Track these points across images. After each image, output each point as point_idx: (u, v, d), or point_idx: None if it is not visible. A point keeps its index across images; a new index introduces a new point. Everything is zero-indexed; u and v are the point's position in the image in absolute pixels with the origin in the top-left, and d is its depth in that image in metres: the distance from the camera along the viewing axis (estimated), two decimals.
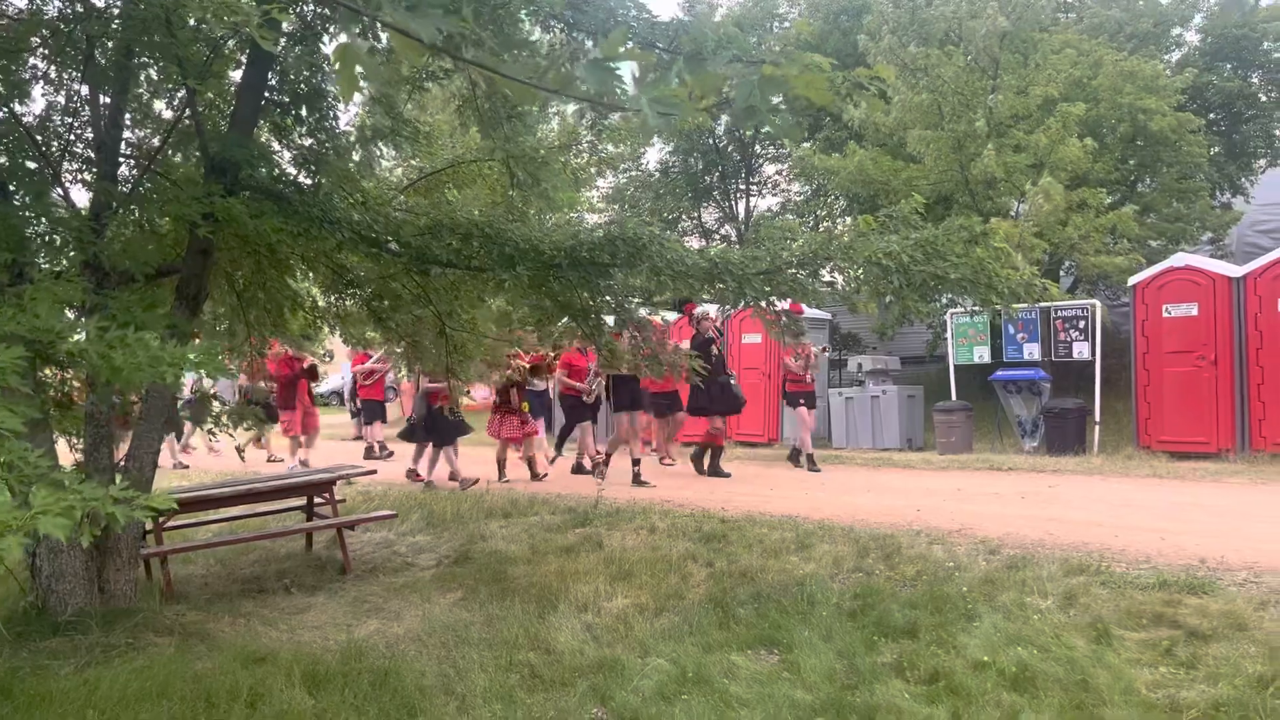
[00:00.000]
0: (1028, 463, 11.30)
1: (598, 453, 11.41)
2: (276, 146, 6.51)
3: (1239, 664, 4.16)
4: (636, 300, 7.11)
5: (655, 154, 24.81)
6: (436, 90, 7.54)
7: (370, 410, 14.45)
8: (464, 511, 8.50)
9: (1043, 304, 12.68)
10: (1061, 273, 16.23)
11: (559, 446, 13.13)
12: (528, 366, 11.40)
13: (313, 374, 12.91)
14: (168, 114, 6.38)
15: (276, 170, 6.01)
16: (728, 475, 10.97)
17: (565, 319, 7.00)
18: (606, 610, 5.61)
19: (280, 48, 5.91)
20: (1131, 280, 12.26)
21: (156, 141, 6.32)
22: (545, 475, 11.10)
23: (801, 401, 11.87)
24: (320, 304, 7.74)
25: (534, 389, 11.96)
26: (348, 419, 19.12)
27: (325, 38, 6.03)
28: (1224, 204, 18.04)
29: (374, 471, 8.11)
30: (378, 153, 6.91)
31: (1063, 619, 4.95)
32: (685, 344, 10.55)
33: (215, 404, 7.28)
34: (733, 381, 11.39)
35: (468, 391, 10.62)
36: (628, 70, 2.42)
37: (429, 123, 7.69)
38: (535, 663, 4.88)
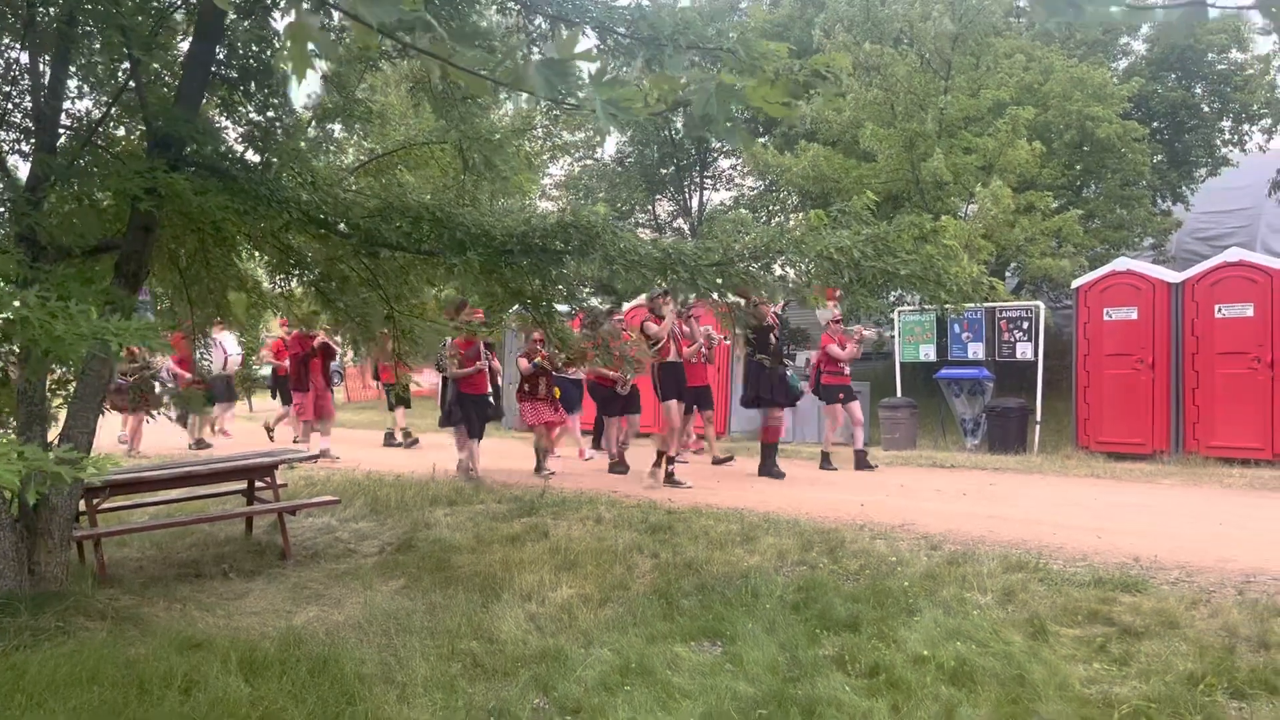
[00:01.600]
0: (970, 460, 11.47)
1: (613, 454, 10.78)
2: (225, 122, 6.36)
3: (1170, 661, 4.26)
4: (587, 290, 7.10)
5: (612, 144, 24.76)
6: (389, 70, 7.43)
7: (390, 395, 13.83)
8: (408, 499, 8.41)
9: (988, 304, 12.89)
10: (1007, 274, 16.49)
11: (595, 442, 12.24)
12: (565, 357, 10.64)
13: (328, 352, 12.01)
14: (111, 85, 6.20)
15: (223, 147, 5.86)
16: (782, 475, 10.03)
17: (516, 306, 6.96)
18: (551, 600, 5.59)
19: (229, 21, 5.77)
20: (1075, 283, 12.49)
21: (98, 113, 6.14)
22: (553, 473, 10.26)
23: (840, 396, 10.88)
24: (265, 284, 7.60)
25: (566, 377, 11.05)
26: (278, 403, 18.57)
27: (275, 13, 5.90)
28: (1165, 211, 18.45)
29: (317, 456, 7.99)
30: (329, 132, 6.79)
31: (1001, 615, 5.03)
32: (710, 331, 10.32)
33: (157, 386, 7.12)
34: (790, 373, 10.46)
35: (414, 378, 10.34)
36: (589, 67, 2.40)
37: (381, 103, 7.58)
38: (478, 652, 4.85)
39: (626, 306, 14.16)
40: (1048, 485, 9.47)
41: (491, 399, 10.42)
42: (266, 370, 16.54)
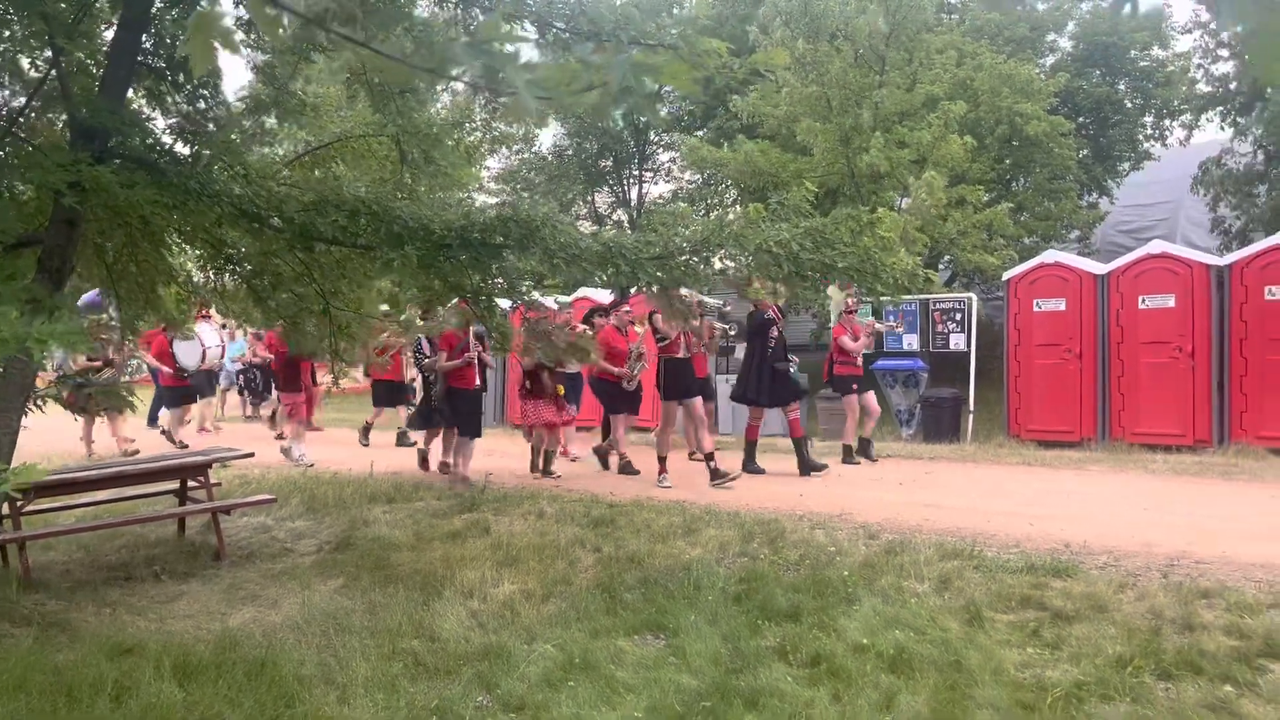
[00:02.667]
0: (906, 450, 11.67)
1: (623, 454, 10.14)
2: (153, 114, 6.19)
3: (1099, 644, 4.38)
4: (528, 284, 7.05)
5: (549, 136, 24.63)
6: (325, 62, 7.30)
7: (380, 394, 12.91)
8: (346, 496, 8.30)
9: (922, 296, 13.12)
10: (940, 266, 16.80)
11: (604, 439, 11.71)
12: (563, 348, 9.62)
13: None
14: (33, 74, 6.00)
15: (151, 139, 5.71)
16: (824, 467, 9.59)
17: (454, 300, 6.91)
18: (493, 597, 5.56)
19: (155, 9, 5.62)
20: (1005, 275, 12.76)
21: (19, 103, 5.93)
22: (559, 477, 9.57)
23: (855, 387, 10.49)
24: (196, 279, 7.42)
25: (565, 371, 10.25)
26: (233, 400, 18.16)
27: (204, 1, 5.76)
28: (1091, 204, 18.96)
29: (252, 454, 7.84)
30: (262, 124, 6.65)
31: (938, 602, 5.13)
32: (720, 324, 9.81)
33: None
34: (793, 369, 9.96)
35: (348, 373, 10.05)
36: (527, 51, 2.38)
37: (316, 95, 7.44)
38: (419, 650, 4.81)
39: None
40: (981, 473, 9.67)
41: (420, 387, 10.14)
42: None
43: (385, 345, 11.54)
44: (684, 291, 8.40)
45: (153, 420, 14.66)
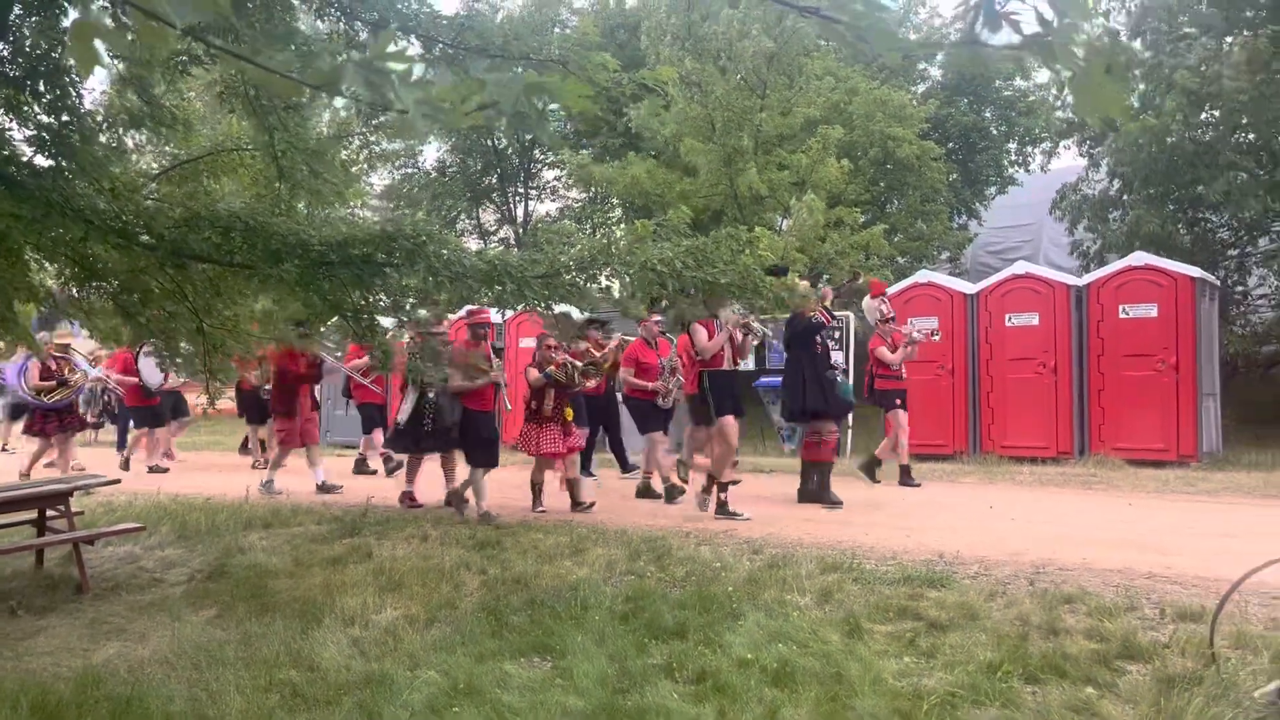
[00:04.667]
0: (788, 465, 11.88)
1: (665, 475, 9.37)
2: (10, 125, 5.87)
3: (972, 651, 4.55)
4: (410, 301, 6.94)
5: (433, 152, 24.36)
6: (198, 73, 7.07)
7: (369, 416, 12.20)
8: (220, 523, 7.99)
9: (738, 313, 13.42)
10: (819, 286, 17.25)
11: (622, 464, 11.12)
12: (579, 365, 8.60)
13: (317, 375, 10.61)
14: None
15: (7, 150, 5.42)
16: (838, 503, 8.58)
17: (335, 318, 6.75)
18: (375, 623, 5.43)
19: (13, 16, 5.34)
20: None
21: None
22: (592, 504, 8.64)
23: (898, 402, 9.91)
24: (59, 297, 7.05)
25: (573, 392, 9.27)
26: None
27: (67, 7, 5.51)
28: (961, 226, 19.79)
29: (118, 481, 7.48)
30: (129, 136, 6.39)
31: (819, 615, 5.24)
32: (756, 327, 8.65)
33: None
34: (839, 378, 9.17)
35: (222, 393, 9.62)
36: (418, 69, 2.36)
37: (187, 108, 7.19)
38: (297, 681, 4.65)
39: (905, 284, 12.81)
40: (860, 487, 9.93)
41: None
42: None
43: (367, 367, 11.12)
44: (735, 311, 7.99)
45: (123, 444, 13.79)
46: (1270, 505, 8.43)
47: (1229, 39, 14.51)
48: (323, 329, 7.61)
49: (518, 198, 24.91)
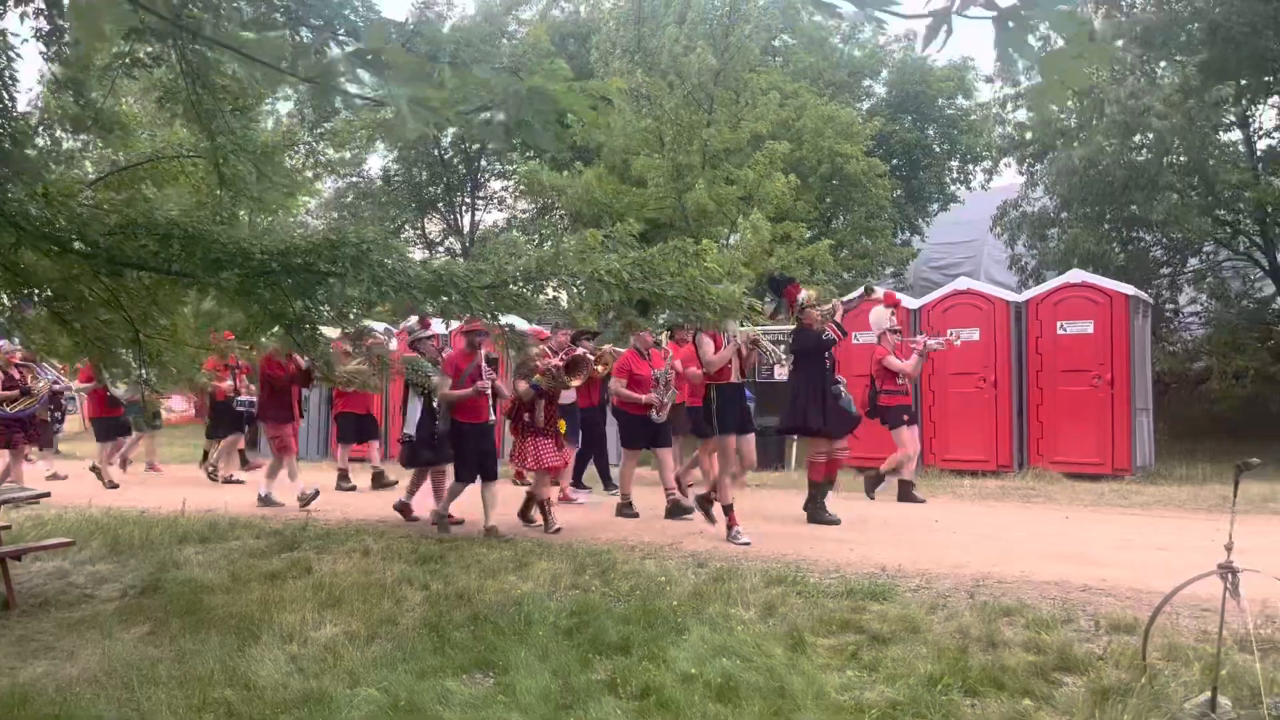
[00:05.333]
0: (780, 480, 11.92)
1: (669, 489, 9.03)
2: None
3: (913, 664, 4.59)
4: (356, 311, 6.86)
5: (377, 161, 24.14)
6: (140, 75, 6.91)
7: (345, 427, 11.73)
8: (154, 537, 7.80)
9: (747, 329, 13.50)
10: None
11: (606, 481, 10.82)
12: (561, 367, 8.18)
13: (306, 378, 10.10)
14: None
15: None
16: (836, 521, 8.39)
17: (276, 328, 6.63)
18: (314, 640, 5.33)
19: None
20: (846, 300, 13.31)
21: None
22: (559, 529, 8.08)
23: (905, 419, 9.70)
24: None
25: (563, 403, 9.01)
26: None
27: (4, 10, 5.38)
28: (904, 241, 20.10)
29: (48, 494, 7.26)
30: (67, 140, 6.23)
31: (763, 629, 5.25)
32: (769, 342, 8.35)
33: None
34: (844, 393, 8.67)
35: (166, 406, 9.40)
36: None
37: (128, 113, 7.03)
38: (232, 700, 4.54)
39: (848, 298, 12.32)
40: (803, 500, 9.97)
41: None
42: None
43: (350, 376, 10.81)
44: (738, 326, 7.65)
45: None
46: (1200, 518, 8.64)
47: (1162, 65, 14.95)
48: (264, 339, 7.49)
49: (464, 208, 24.78)
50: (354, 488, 11.26)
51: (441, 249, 24.78)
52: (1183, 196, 14.47)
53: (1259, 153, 16.43)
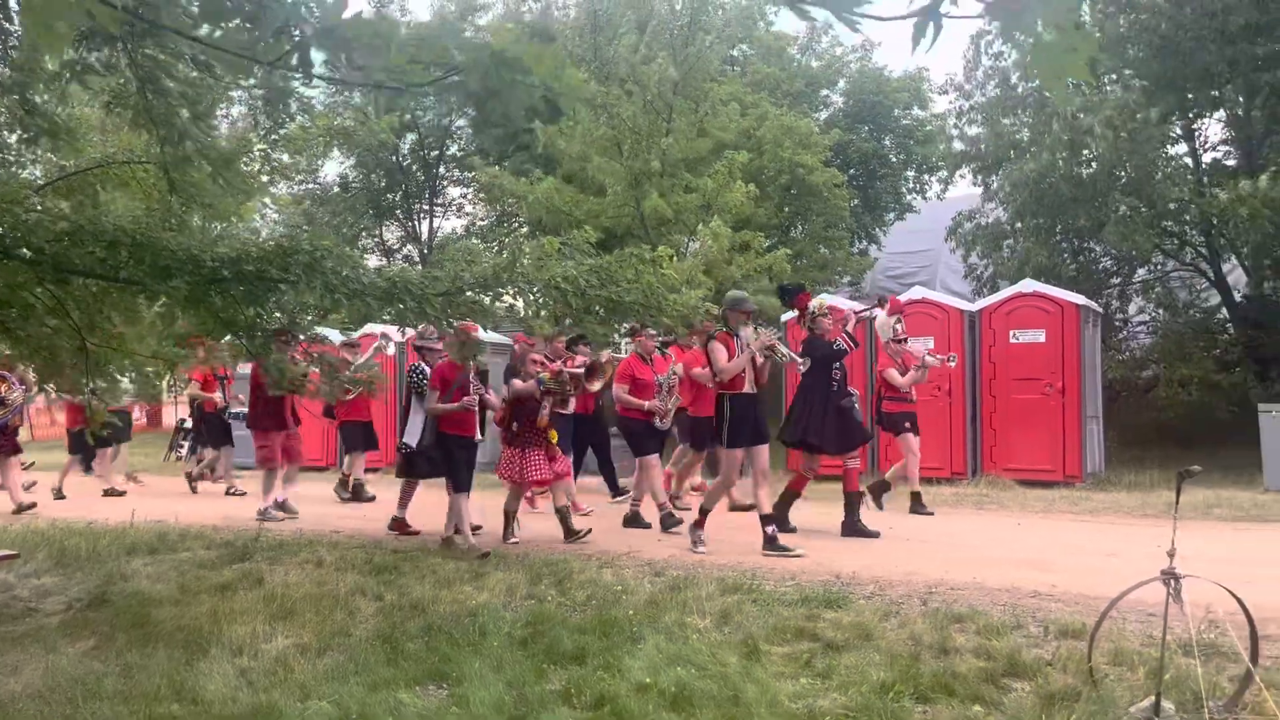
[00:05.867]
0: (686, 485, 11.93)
1: (661, 502, 8.72)
2: None
3: (866, 671, 4.62)
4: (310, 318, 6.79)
5: (335, 167, 23.94)
6: (92, 81, 6.79)
7: (351, 437, 11.29)
8: (101, 549, 7.65)
9: (764, 334, 13.55)
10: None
11: (614, 489, 10.51)
12: (567, 375, 7.95)
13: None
14: None
15: None
16: (876, 534, 8.24)
17: (228, 336, 6.55)
18: (264, 653, 5.25)
19: None
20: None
21: None
22: (588, 532, 8.05)
23: (907, 426, 9.48)
24: None
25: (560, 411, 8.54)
26: None
27: None
28: (862, 251, 20.29)
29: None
30: (11, 146, 6.11)
31: (719, 637, 5.26)
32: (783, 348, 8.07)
33: None
34: (855, 405, 8.46)
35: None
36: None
37: (75, 116, 6.90)
38: (180, 715, 4.46)
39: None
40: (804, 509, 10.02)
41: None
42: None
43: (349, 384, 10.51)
44: (763, 331, 7.60)
45: (87, 467, 12.99)
46: (1148, 524, 8.80)
47: (1111, 78, 15.24)
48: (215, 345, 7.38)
49: (422, 215, 24.63)
50: (373, 498, 10.92)
51: (400, 256, 24.61)
52: (1130, 212, 14.76)
53: (1204, 165, 16.81)
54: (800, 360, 8.20)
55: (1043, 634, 5.11)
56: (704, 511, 7.63)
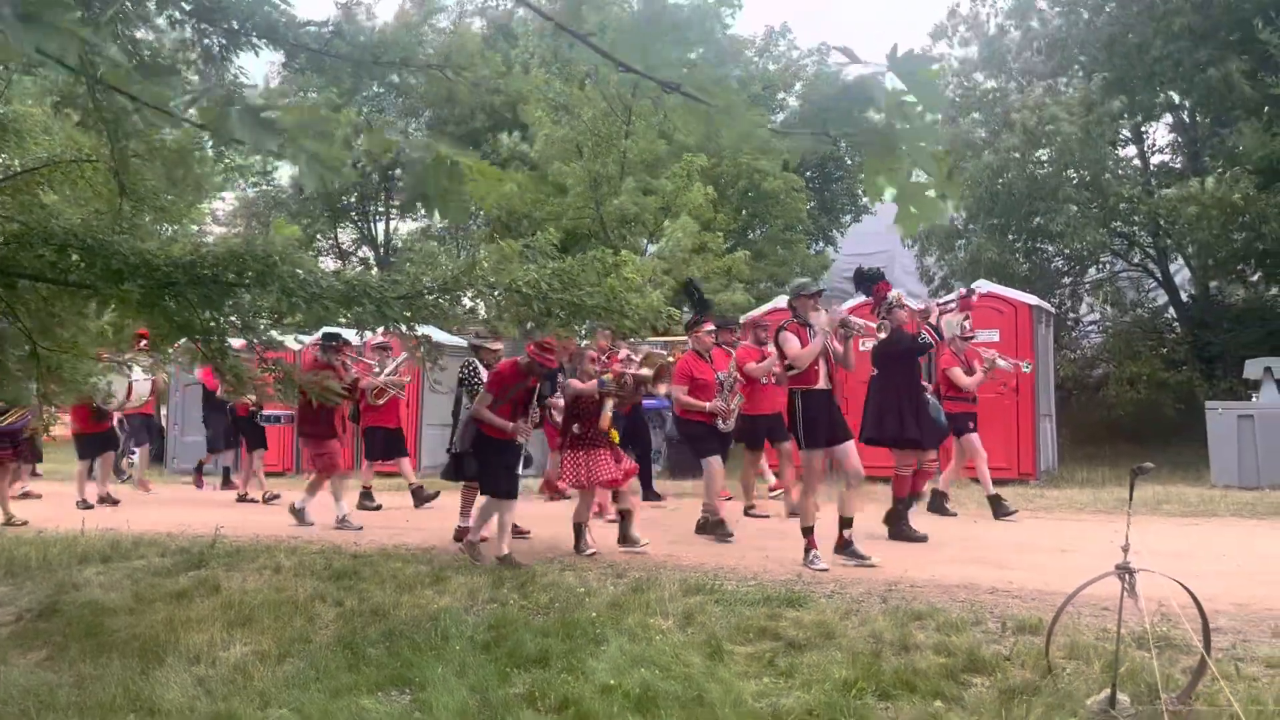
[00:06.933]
0: (655, 486, 11.95)
1: (715, 510, 8.26)
2: None
3: (828, 670, 4.65)
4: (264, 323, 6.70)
5: (288, 169, 23.66)
6: (35, 80, 6.65)
7: (373, 442, 10.90)
8: (52, 557, 7.50)
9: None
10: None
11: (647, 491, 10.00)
12: (650, 374, 7.50)
13: (351, 389, 9.35)
14: None
15: None
16: (923, 538, 7.92)
17: (184, 340, 6.45)
18: (223, 660, 5.18)
19: None
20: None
21: None
22: (646, 544, 7.61)
23: (970, 425, 9.18)
24: None
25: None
26: None
27: None
28: (819, 252, 20.47)
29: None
30: None
31: (682, 638, 5.27)
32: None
33: None
34: (934, 401, 8.21)
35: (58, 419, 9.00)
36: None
37: (20, 112, 6.75)
38: None
39: (766, 307, 11.87)
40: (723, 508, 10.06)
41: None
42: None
43: (381, 387, 10.32)
44: (823, 317, 7.14)
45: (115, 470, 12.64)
46: (1101, 520, 8.96)
47: (1064, 79, 15.52)
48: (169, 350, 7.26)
49: (378, 216, 24.41)
50: (379, 506, 10.61)
51: (355, 258, 24.37)
52: (1081, 209, 15.03)
53: (1153, 167, 17.17)
54: (865, 327, 7.40)
55: (1001, 630, 5.18)
56: (807, 532, 6.99)
